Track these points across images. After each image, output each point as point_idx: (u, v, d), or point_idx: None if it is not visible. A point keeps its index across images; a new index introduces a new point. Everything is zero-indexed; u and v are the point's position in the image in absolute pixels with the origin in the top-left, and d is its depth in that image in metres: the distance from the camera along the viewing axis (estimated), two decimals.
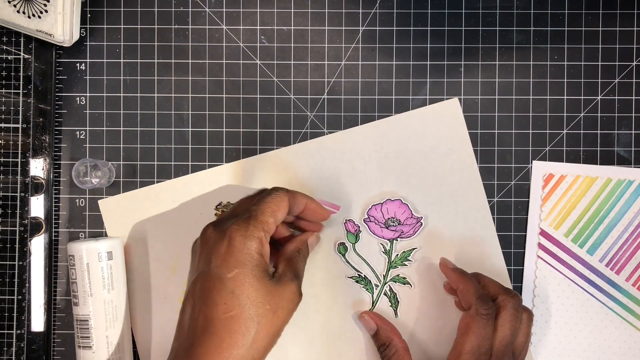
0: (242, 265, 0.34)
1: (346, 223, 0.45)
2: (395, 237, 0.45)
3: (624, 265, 0.45)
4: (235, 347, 0.32)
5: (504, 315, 0.38)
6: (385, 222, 0.44)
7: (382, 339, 0.42)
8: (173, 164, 0.46)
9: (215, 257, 0.34)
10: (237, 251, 0.34)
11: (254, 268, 0.34)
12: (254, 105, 0.46)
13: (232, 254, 0.34)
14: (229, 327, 0.33)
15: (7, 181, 0.45)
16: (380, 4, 0.45)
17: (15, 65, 0.45)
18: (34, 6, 0.42)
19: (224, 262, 0.34)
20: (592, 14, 0.45)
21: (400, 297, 0.45)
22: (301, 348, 0.45)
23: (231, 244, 0.34)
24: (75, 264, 0.42)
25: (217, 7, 0.46)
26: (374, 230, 0.44)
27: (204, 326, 0.33)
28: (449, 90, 0.45)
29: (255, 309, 0.33)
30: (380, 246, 0.45)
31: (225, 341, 0.32)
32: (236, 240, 0.34)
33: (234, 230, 0.35)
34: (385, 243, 0.45)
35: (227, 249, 0.34)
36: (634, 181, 0.45)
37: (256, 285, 0.34)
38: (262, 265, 0.35)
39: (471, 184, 0.45)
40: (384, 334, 0.42)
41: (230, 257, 0.34)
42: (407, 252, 0.45)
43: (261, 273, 0.34)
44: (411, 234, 0.44)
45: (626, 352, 0.45)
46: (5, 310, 0.45)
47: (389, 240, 0.45)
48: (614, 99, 0.45)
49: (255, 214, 0.36)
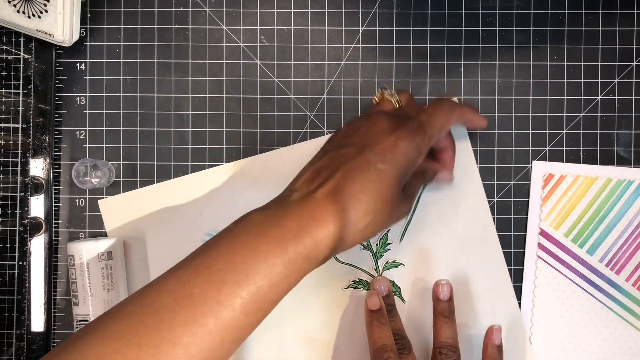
0: (395, 166, 0.35)
1: None
2: None
3: (624, 265, 0.45)
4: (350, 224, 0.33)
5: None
6: None
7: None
8: (173, 164, 0.46)
9: (376, 145, 0.35)
10: (399, 151, 0.35)
11: (401, 175, 0.35)
12: (254, 105, 0.46)
13: (393, 151, 0.35)
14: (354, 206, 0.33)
15: (7, 181, 0.45)
16: (380, 4, 0.45)
17: (15, 65, 0.45)
18: (34, 6, 0.42)
19: (382, 152, 0.35)
20: (592, 14, 0.45)
21: (399, 281, 0.45)
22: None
23: (397, 143, 0.35)
24: (75, 264, 0.42)
25: (217, 7, 0.46)
26: None
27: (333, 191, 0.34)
28: (449, 90, 0.45)
29: (378, 205, 0.34)
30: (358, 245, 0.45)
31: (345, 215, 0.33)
32: (403, 142, 0.35)
33: (405, 133, 0.36)
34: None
35: (392, 145, 0.35)
36: (634, 181, 0.45)
37: (393, 189, 0.35)
38: (408, 172, 0.36)
39: (471, 184, 0.45)
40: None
41: (391, 152, 0.35)
42: (383, 237, 0.45)
43: (402, 180, 0.36)
44: None
45: (626, 352, 0.45)
46: (5, 310, 0.45)
47: None
48: (614, 99, 0.45)
49: (425, 126, 0.37)
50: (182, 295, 0.30)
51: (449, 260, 0.45)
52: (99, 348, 0.29)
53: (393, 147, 0.35)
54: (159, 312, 0.30)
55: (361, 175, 0.34)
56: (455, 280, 0.45)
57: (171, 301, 0.30)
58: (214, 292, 0.30)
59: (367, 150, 0.35)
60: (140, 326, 0.29)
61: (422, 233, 0.45)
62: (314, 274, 0.45)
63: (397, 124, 0.36)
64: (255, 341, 0.45)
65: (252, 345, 0.45)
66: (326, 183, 0.34)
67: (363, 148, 0.35)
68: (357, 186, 0.34)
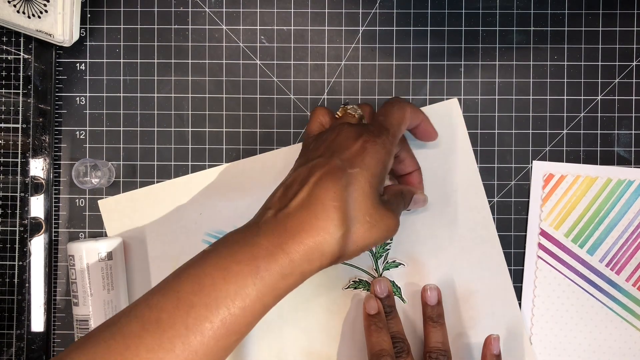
0: (366, 168, 0.34)
1: None
2: None
3: (624, 266, 0.45)
4: (325, 233, 0.32)
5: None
6: None
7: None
8: (173, 164, 0.46)
9: (343, 151, 0.34)
10: (366, 153, 0.34)
11: (374, 176, 0.34)
12: (254, 105, 0.46)
13: (361, 154, 0.34)
14: (328, 214, 0.32)
15: (7, 181, 0.45)
16: (380, 4, 0.45)
17: (15, 65, 0.45)
18: (34, 6, 0.42)
19: (351, 157, 0.34)
20: (592, 14, 0.45)
21: (399, 281, 0.45)
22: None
23: (364, 146, 0.35)
24: (75, 264, 0.42)
25: (217, 7, 0.46)
26: None
27: (305, 202, 0.33)
28: (449, 90, 0.45)
29: (358, 213, 0.33)
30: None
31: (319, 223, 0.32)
32: (369, 144, 0.35)
33: (370, 136, 0.35)
34: None
35: (359, 149, 0.34)
36: (634, 181, 0.45)
37: (368, 192, 0.34)
38: (381, 177, 0.35)
39: (471, 184, 0.45)
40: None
41: (360, 156, 0.34)
42: None
43: (376, 185, 0.34)
44: None
45: (626, 352, 0.45)
46: (5, 310, 0.45)
47: None
48: (614, 99, 0.45)
49: (386, 125, 0.36)
50: (150, 320, 0.29)
51: (449, 260, 0.45)
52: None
53: (361, 150, 0.34)
54: (126, 338, 0.29)
55: (333, 183, 0.33)
56: (456, 280, 0.45)
57: (139, 327, 0.29)
58: (182, 316, 0.29)
59: (335, 157, 0.34)
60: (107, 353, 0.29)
61: (422, 233, 0.45)
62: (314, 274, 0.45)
63: (361, 129, 0.36)
64: (255, 341, 0.45)
65: (253, 345, 0.45)
66: (298, 195, 0.33)
67: (331, 156, 0.34)
68: (330, 194, 0.32)
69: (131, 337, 0.29)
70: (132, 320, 0.30)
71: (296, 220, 0.32)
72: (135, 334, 0.29)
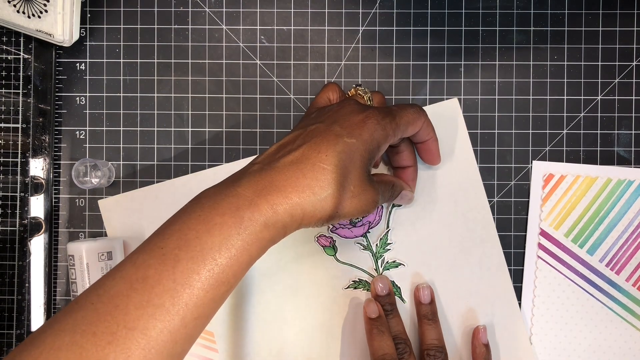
0: (361, 141, 0.34)
1: (318, 239, 0.45)
2: (366, 231, 0.45)
3: (624, 266, 0.45)
4: (310, 192, 0.32)
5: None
6: (351, 222, 0.44)
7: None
8: (173, 164, 0.46)
9: (344, 121, 0.35)
10: (365, 128, 0.35)
11: (367, 152, 0.35)
12: (254, 105, 0.46)
13: (360, 127, 0.35)
14: (316, 175, 0.33)
15: (7, 181, 0.45)
16: (380, 4, 0.45)
17: (15, 65, 0.45)
18: (34, 6, 0.42)
19: (350, 128, 0.35)
20: (592, 14, 0.45)
21: (399, 281, 0.45)
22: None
23: (365, 121, 0.35)
24: (75, 264, 0.42)
25: (217, 7, 0.46)
26: (345, 234, 0.45)
27: (296, 160, 0.33)
28: (449, 90, 0.45)
29: (344, 180, 0.34)
30: (358, 245, 0.45)
31: (306, 182, 0.32)
32: (371, 120, 0.35)
33: (374, 114, 0.36)
34: (362, 240, 0.45)
35: (360, 122, 0.35)
36: (634, 181, 0.45)
37: (358, 164, 0.34)
38: (373, 154, 0.35)
39: (471, 184, 0.45)
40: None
41: (358, 128, 0.35)
42: (383, 237, 0.45)
43: (367, 160, 0.35)
44: (379, 220, 0.45)
45: (626, 352, 0.45)
46: (5, 310, 0.45)
47: (363, 236, 0.45)
48: (614, 99, 0.45)
49: (394, 115, 0.37)
50: (137, 279, 0.29)
51: (449, 260, 0.45)
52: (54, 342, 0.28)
53: (361, 123, 0.35)
54: (114, 298, 0.29)
55: (327, 146, 0.33)
56: (456, 280, 0.45)
57: (126, 286, 0.29)
58: (168, 271, 0.29)
59: (335, 125, 0.35)
60: (95, 315, 0.28)
61: (422, 233, 0.45)
62: (315, 274, 0.45)
63: (367, 107, 0.37)
64: (255, 341, 0.45)
65: (253, 345, 0.45)
66: (290, 154, 0.34)
67: (332, 123, 0.35)
68: (322, 156, 0.33)
69: (119, 297, 0.29)
70: (119, 280, 0.30)
71: (283, 175, 0.32)
72: (122, 294, 0.29)
